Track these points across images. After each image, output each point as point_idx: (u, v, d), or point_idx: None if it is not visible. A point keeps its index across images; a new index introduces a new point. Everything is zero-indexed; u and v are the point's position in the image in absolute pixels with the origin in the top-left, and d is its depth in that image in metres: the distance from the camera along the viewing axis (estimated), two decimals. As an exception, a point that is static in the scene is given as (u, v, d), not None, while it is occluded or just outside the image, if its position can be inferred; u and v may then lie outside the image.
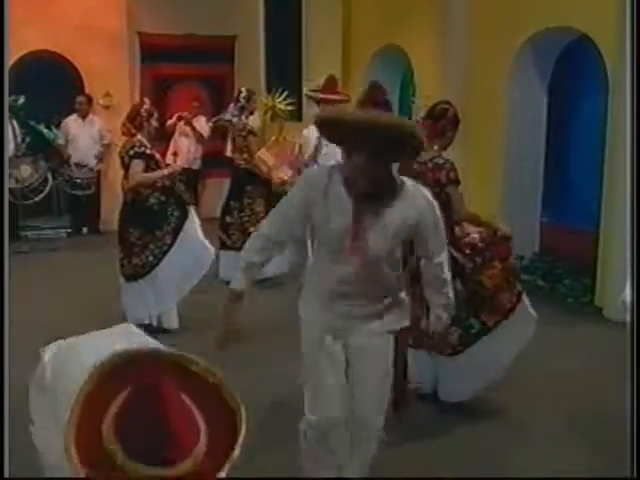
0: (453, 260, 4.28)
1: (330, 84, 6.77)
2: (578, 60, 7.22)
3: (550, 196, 7.75)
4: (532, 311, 4.33)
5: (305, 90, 7.17)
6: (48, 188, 9.25)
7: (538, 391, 4.67)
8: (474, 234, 4.35)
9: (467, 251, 4.30)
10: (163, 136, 9.43)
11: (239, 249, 7.03)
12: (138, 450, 1.67)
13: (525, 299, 4.33)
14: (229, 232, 7.21)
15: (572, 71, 7.35)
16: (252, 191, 7.17)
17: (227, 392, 1.90)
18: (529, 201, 7.55)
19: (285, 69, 10.73)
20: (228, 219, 7.24)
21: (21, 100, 8.92)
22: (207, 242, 5.82)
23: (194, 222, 5.76)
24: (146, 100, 6.08)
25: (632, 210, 3.65)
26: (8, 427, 2.80)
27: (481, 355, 4.25)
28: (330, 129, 2.91)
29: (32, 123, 9.38)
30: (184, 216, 5.70)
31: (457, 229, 4.35)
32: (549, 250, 7.44)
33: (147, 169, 5.60)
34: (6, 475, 2.16)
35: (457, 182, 4.28)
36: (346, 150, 2.94)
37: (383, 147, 2.69)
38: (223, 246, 7.20)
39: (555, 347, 5.07)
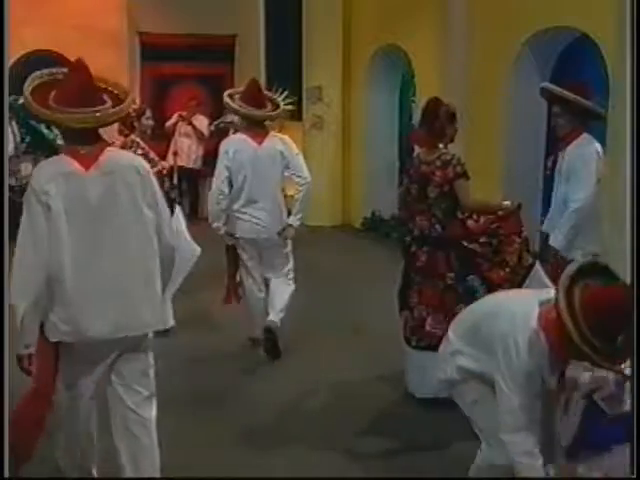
0: (470, 253, 4.28)
1: (253, 93, 5.47)
2: (578, 60, 7.21)
3: (550, 196, 7.72)
4: (548, 281, 4.23)
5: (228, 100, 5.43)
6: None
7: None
8: (482, 220, 4.37)
9: (482, 240, 4.30)
10: (163, 136, 9.43)
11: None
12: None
13: (539, 268, 4.29)
14: None
15: (572, 71, 7.34)
16: None
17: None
18: (529, 201, 7.51)
19: (285, 68, 10.74)
20: None
21: (21, 100, 8.87)
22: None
23: (180, 219, 5.75)
24: (136, 100, 6.05)
25: (632, 208, 3.66)
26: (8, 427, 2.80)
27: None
28: None
29: (32, 123, 9.36)
30: (171, 212, 5.68)
31: (470, 222, 4.36)
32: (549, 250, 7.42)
33: None
34: (6, 475, 2.16)
35: (465, 176, 4.29)
36: None
37: None
38: None
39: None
